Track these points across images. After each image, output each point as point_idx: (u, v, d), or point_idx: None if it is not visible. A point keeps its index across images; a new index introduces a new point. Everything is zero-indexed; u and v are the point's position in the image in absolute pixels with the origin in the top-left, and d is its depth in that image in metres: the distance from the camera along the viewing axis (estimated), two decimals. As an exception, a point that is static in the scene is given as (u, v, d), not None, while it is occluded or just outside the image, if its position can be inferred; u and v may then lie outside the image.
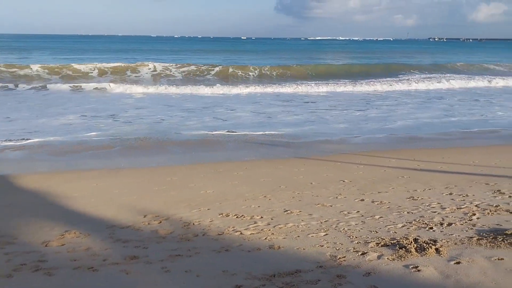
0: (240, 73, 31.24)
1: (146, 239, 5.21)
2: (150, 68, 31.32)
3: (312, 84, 25.47)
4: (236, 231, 5.32)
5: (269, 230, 5.33)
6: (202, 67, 32.05)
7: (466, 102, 20.67)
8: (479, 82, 28.62)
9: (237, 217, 5.95)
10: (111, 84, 24.16)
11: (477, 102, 20.92)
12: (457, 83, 28.19)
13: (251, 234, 5.21)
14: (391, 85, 26.23)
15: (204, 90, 23.40)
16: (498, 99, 21.98)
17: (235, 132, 13.15)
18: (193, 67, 31.94)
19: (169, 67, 31.81)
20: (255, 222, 5.68)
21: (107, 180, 8.36)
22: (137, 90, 23.04)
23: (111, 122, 14.77)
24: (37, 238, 5.32)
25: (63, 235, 5.41)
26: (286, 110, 17.65)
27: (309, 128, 14.00)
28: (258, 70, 31.78)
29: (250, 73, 31.18)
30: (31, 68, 29.25)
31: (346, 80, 27.83)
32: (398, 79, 29.55)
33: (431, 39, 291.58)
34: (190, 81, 28.37)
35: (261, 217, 5.89)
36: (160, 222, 5.86)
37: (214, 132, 13.03)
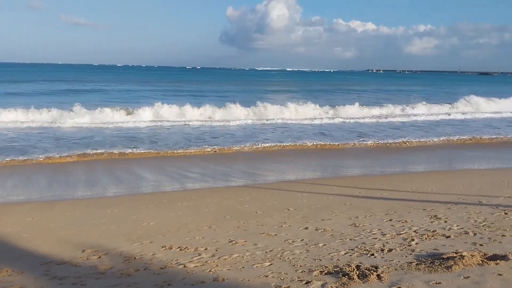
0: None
1: (84, 275, 4.96)
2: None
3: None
4: (180, 264, 5.19)
5: (214, 262, 5.24)
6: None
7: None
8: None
9: (180, 249, 5.81)
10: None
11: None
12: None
13: (195, 266, 5.10)
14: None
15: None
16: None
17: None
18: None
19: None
20: (199, 254, 5.57)
21: (43, 213, 7.95)
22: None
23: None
24: (-38, 278, 4.94)
25: (-7, 274, 5.06)
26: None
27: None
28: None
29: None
30: None
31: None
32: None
33: (369, 71, 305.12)
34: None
35: (206, 249, 5.79)
36: (99, 257, 5.61)
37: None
